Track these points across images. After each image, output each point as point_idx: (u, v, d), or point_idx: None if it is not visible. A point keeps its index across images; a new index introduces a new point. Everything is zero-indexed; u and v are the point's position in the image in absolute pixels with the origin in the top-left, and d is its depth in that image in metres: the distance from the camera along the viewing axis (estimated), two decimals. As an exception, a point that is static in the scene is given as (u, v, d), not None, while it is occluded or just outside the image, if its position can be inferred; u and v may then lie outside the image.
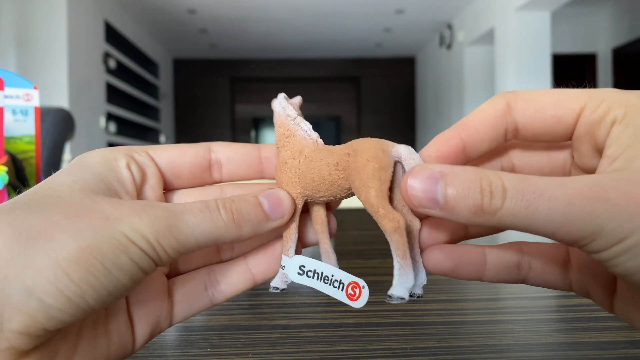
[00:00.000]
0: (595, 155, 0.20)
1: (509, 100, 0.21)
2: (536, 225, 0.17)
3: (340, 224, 0.94)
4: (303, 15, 5.67)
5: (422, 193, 0.18)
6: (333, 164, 0.22)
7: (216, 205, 0.20)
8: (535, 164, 0.23)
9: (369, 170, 0.20)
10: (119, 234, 0.18)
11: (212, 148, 0.24)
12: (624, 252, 0.16)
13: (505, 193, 0.17)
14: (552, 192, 0.17)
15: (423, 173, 0.18)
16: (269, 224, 0.22)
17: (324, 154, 0.22)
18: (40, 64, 4.00)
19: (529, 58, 4.28)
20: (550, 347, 0.33)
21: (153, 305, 0.23)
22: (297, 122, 0.24)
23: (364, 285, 0.22)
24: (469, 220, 0.18)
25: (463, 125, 0.22)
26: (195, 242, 0.19)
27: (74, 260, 0.17)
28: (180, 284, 0.24)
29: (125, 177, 0.21)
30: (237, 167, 0.24)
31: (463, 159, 0.22)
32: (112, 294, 0.18)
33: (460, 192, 0.17)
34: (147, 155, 0.23)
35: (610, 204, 0.16)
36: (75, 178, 0.20)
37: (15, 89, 0.54)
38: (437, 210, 0.18)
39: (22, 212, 0.18)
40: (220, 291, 0.24)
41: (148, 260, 0.18)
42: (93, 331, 0.21)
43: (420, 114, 7.46)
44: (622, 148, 0.18)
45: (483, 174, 0.18)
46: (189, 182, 0.24)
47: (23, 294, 0.16)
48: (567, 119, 0.20)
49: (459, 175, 0.18)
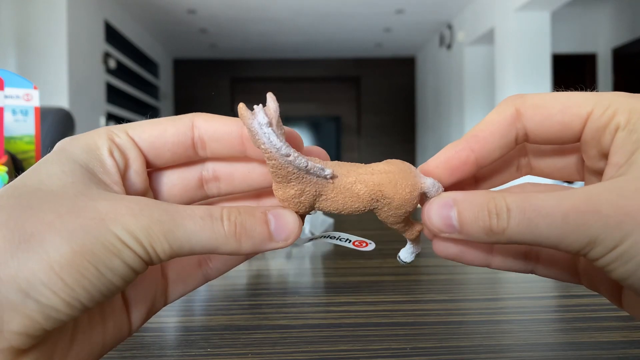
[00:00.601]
0: (603, 159, 0.21)
1: (517, 106, 0.22)
2: (541, 240, 0.18)
3: (340, 224, 0.94)
4: (303, 15, 5.67)
5: (440, 220, 0.20)
6: (366, 200, 0.21)
7: (220, 215, 0.20)
8: (551, 162, 0.24)
9: (403, 212, 0.22)
10: (112, 236, 0.17)
11: (195, 124, 0.22)
12: (616, 259, 0.18)
13: (509, 213, 0.19)
14: (550, 208, 0.18)
15: (438, 202, 0.20)
16: (271, 244, 0.21)
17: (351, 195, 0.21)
18: (40, 64, 4.00)
19: (529, 58, 4.28)
20: (550, 347, 0.33)
21: (147, 286, 0.23)
22: (309, 170, 0.20)
23: (370, 242, 0.24)
24: (485, 240, 0.19)
25: (474, 137, 0.22)
26: (189, 249, 0.19)
27: (67, 263, 0.17)
28: (173, 262, 0.24)
29: (110, 165, 0.21)
30: (220, 145, 0.23)
31: (474, 169, 0.22)
32: (105, 295, 0.18)
33: (471, 216, 0.19)
34: (128, 137, 0.22)
35: (600, 215, 0.17)
36: (64, 169, 0.19)
37: (15, 89, 0.54)
38: (456, 234, 0.20)
39: (15, 210, 0.17)
40: (214, 267, 0.24)
41: (140, 262, 0.18)
42: (89, 321, 0.21)
43: (420, 114, 7.46)
44: (627, 155, 0.19)
45: (490, 197, 0.19)
46: (173, 160, 0.23)
47: (19, 295, 0.16)
48: (575, 125, 0.21)
49: (469, 201, 0.19)
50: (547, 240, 0.18)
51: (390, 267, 0.55)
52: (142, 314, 0.23)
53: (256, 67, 7.74)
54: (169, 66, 7.51)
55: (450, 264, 0.56)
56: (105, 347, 0.21)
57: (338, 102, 7.95)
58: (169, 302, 0.24)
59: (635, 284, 0.18)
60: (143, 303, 0.23)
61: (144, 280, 0.23)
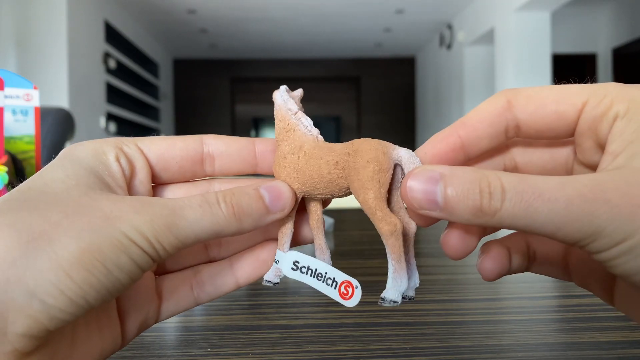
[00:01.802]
0: (598, 151, 0.20)
1: (509, 98, 0.21)
2: (536, 226, 0.17)
3: (340, 224, 0.94)
4: (303, 15, 5.67)
5: (422, 194, 0.18)
6: (333, 162, 0.22)
7: (216, 199, 0.20)
8: (538, 161, 0.23)
9: (369, 172, 0.20)
10: (119, 233, 0.18)
11: (204, 141, 0.24)
12: (624, 253, 0.16)
13: (504, 194, 0.17)
14: (552, 193, 0.17)
15: (423, 174, 0.18)
16: (270, 216, 0.21)
17: (324, 152, 0.22)
18: (40, 64, 4.00)
19: (529, 58, 4.28)
20: (550, 347, 0.33)
21: (142, 301, 0.23)
22: (298, 117, 0.23)
23: (357, 285, 0.22)
24: (469, 221, 0.18)
25: (461, 124, 0.21)
26: (194, 238, 0.19)
27: (76, 261, 0.17)
28: (167, 282, 0.24)
29: (116, 170, 0.21)
30: (230, 161, 0.24)
31: (462, 157, 0.22)
32: (111, 293, 0.18)
33: (460, 193, 0.18)
34: (136, 147, 0.22)
35: (610, 205, 0.16)
36: (68, 173, 0.20)
37: (15, 89, 0.54)
38: (437, 212, 0.18)
39: (21, 212, 0.17)
40: (205, 292, 0.24)
41: (147, 259, 0.18)
42: (86, 328, 0.21)
43: (420, 114, 7.46)
44: (625, 144, 0.18)
45: (482, 174, 0.18)
46: (179, 175, 0.24)
47: (26, 296, 0.16)
48: (569, 114, 0.20)
49: (459, 177, 0.18)
50: (543, 228, 0.17)
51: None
52: (135, 327, 0.23)
53: (256, 67, 7.74)
54: (169, 66, 7.51)
55: (450, 264, 0.56)
56: (103, 354, 0.22)
57: (338, 102, 7.96)
58: (159, 320, 0.24)
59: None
60: (136, 316, 0.23)
61: (139, 295, 0.23)
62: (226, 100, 7.77)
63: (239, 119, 7.93)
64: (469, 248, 0.21)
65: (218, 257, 0.26)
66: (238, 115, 7.94)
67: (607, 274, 0.22)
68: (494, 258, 0.22)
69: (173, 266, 0.25)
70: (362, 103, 7.81)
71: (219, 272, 0.25)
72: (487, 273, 0.22)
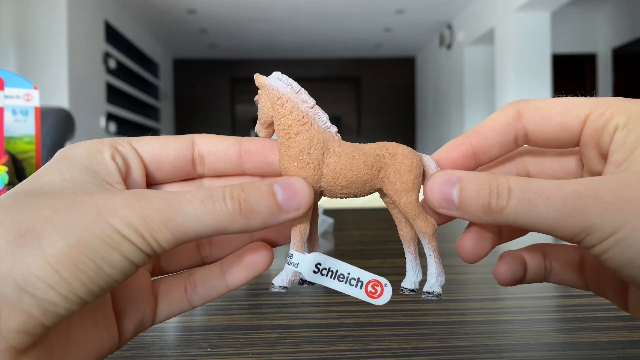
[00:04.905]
0: (601, 160, 0.21)
1: (519, 108, 0.23)
2: (537, 222, 0.19)
3: (340, 224, 0.94)
4: (303, 15, 5.67)
5: (441, 195, 0.21)
6: (369, 163, 0.22)
7: (222, 195, 0.19)
8: (549, 170, 0.24)
9: (412, 176, 0.22)
10: (110, 229, 0.17)
11: (195, 141, 0.23)
12: (613, 245, 0.18)
13: (510, 193, 0.19)
14: (551, 191, 0.18)
15: (442, 177, 0.21)
16: (283, 215, 0.20)
17: (357, 152, 0.22)
18: (40, 64, 4.00)
19: (529, 58, 4.28)
20: (550, 347, 0.33)
21: (139, 301, 0.23)
22: (316, 112, 0.22)
23: (386, 283, 0.22)
24: (480, 219, 0.20)
25: (474, 132, 0.23)
26: (194, 234, 0.19)
27: (63, 257, 0.17)
28: (162, 283, 0.24)
29: (112, 168, 0.21)
30: (217, 160, 0.23)
31: (473, 164, 0.23)
32: (103, 288, 0.18)
33: (472, 193, 0.20)
34: (131, 146, 0.22)
35: (599, 201, 0.18)
36: (64, 175, 0.20)
37: (15, 89, 0.54)
38: (454, 211, 0.20)
39: (11, 208, 0.17)
40: (197, 294, 0.24)
41: (140, 255, 0.18)
42: (82, 326, 0.21)
43: (420, 114, 7.46)
44: (627, 153, 0.19)
45: (493, 177, 0.20)
46: (173, 175, 0.23)
47: (15, 290, 0.16)
48: (573, 125, 0.22)
49: (472, 179, 0.20)
50: (544, 224, 0.19)
51: (390, 267, 0.55)
52: (132, 326, 0.23)
53: (256, 67, 7.73)
54: (169, 66, 7.51)
55: (450, 264, 0.56)
56: (100, 353, 0.22)
57: (338, 102, 7.95)
58: (155, 323, 0.24)
59: (632, 273, 0.18)
60: (133, 316, 0.23)
61: (136, 295, 0.23)
62: (226, 100, 7.77)
63: (239, 119, 7.93)
64: (482, 252, 0.23)
65: (209, 256, 0.25)
66: (238, 115, 7.94)
67: (619, 279, 0.23)
68: (508, 264, 0.24)
69: (168, 267, 0.25)
70: (362, 103, 7.82)
71: (210, 275, 0.24)
72: (502, 277, 0.24)
